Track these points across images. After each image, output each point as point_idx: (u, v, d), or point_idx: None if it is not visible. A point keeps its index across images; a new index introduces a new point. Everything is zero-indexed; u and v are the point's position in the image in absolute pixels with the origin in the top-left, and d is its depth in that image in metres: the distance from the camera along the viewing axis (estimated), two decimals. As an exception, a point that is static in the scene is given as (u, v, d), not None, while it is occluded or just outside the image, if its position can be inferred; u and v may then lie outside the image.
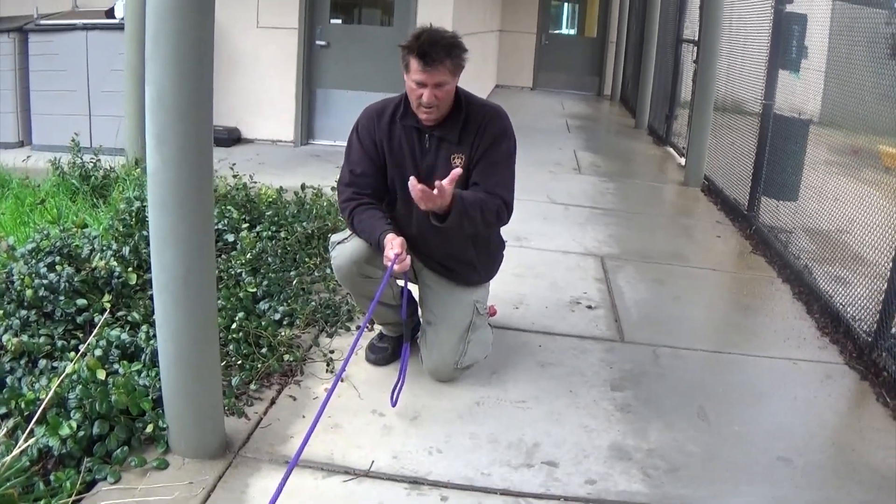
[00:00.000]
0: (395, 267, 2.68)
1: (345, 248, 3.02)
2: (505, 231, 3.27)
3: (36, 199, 4.74)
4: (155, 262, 2.33)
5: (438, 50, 2.74)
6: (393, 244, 2.73)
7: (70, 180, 5.19)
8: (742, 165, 6.06)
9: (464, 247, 3.06)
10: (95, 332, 2.91)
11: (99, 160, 5.48)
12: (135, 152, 5.82)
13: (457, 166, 2.91)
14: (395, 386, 2.92)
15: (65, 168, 5.32)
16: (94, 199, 5.04)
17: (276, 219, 4.47)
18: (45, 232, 3.70)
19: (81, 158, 5.37)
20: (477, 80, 11.34)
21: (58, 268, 3.31)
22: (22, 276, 3.18)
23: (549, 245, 5.01)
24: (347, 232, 3.08)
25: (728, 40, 6.97)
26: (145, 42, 2.18)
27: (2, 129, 7.27)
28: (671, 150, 8.96)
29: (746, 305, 4.35)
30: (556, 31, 16.50)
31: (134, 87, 5.78)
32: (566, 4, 16.74)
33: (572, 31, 16.69)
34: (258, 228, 4.28)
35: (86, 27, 7.24)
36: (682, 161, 7.87)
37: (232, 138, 7.80)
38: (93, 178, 5.25)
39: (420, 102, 2.83)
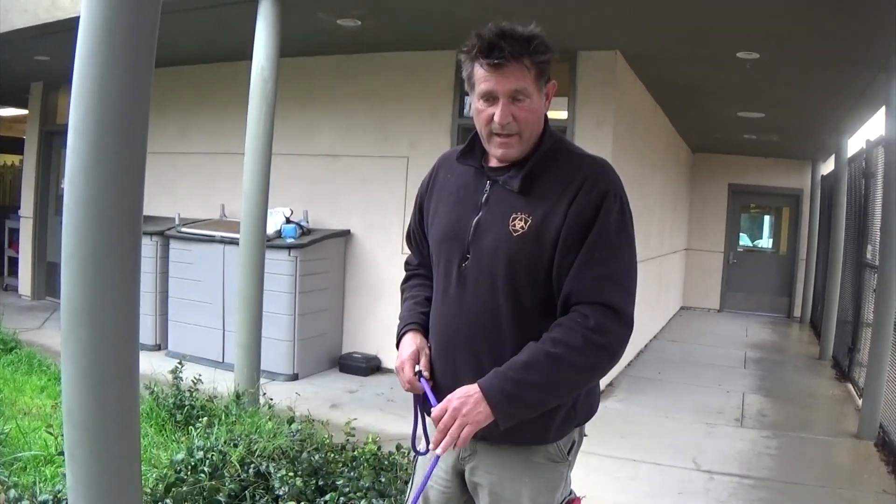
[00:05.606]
0: (406, 388, 2.05)
1: None
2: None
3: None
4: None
5: (513, 42, 1.86)
6: (408, 357, 2.06)
7: (161, 410, 4.93)
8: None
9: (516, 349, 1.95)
10: None
11: (197, 386, 5.23)
12: (238, 384, 5.54)
13: (516, 231, 1.95)
14: (414, 429, 2.15)
15: (158, 394, 5.06)
16: (187, 429, 4.65)
17: (346, 489, 3.62)
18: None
19: (178, 387, 5.14)
20: (657, 304, 10.78)
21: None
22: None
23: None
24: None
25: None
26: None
27: (141, 331, 7.35)
28: (851, 388, 7.76)
29: None
30: (746, 246, 15.40)
31: (246, 314, 5.60)
32: (759, 218, 15.75)
33: (760, 246, 15.51)
34: (326, 498, 3.56)
35: (223, 240, 7.21)
36: (861, 403, 6.68)
37: (370, 367, 7.59)
38: (186, 407, 4.97)
39: (491, 129, 1.95)
